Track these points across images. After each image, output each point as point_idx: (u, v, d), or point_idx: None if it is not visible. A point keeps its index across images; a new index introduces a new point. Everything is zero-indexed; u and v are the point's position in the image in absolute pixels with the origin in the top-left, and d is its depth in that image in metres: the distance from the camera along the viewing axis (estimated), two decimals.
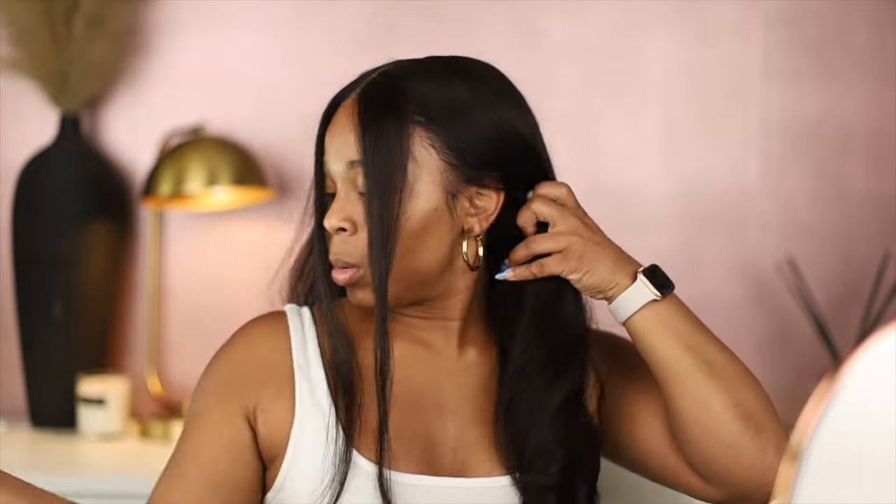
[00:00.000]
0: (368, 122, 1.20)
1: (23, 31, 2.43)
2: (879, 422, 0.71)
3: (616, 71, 2.53)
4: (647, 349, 1.23)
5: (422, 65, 1.25)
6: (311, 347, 1.26)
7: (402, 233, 1.19)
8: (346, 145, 1.21)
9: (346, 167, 1.21)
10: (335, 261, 1.22)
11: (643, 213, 2.52)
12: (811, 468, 0.70)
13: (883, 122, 2.51)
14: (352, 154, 1.21)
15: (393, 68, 1.25)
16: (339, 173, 1.22)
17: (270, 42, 2.55)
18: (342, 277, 1.22)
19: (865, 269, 2.48)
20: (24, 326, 2.43)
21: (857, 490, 0.70)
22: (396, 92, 1.21)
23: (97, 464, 2.25)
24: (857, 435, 0.71)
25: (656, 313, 1.23)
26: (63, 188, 2.42)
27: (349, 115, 1.22)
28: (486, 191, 1.22)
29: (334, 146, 1.22)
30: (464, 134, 1.20)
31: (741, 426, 1.22)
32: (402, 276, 1.21)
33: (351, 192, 1.21)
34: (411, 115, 1.20)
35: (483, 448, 1.25)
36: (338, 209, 1.21)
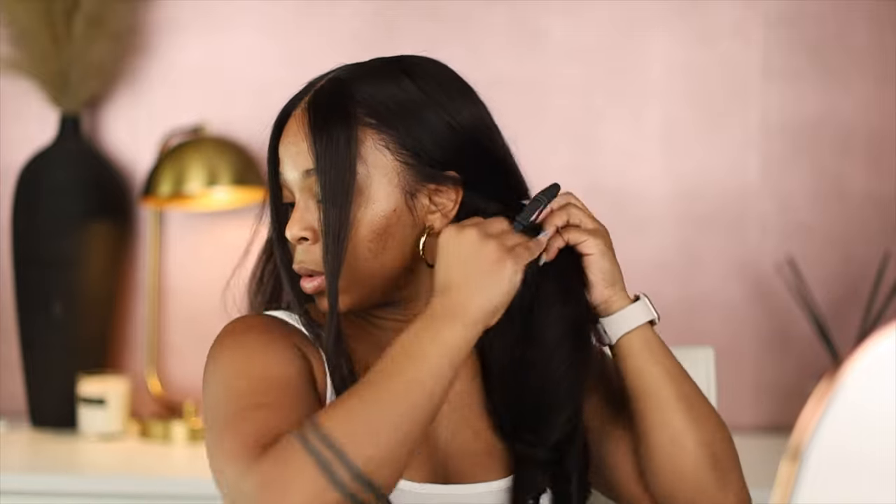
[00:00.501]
0: (318, 129, 1.20)
1: (23, 31, 2.43)
2: (879, 422, 0.71)
3: (616, 71, 2.53)
4: (635, 372, 1.23)
5: (368, 67, 1.25)
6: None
7: (362, 237, 1.19)
8: (299, 154, 1.21)
9: (301, 176, 1.21)
10: (300, 269, 1.22)
11: (643, 213, 2.52)
12: (811, 468, 0.70)
13: (883, 122, 2.51)
14: (306, 163, 1.20)
15: (340, 73, 1.25)
16: (296, 182, 1.22)
17: (270, 42, 2.55)
18: (310, 286, 1.21)
19: (865, 269, 2.48)
20: (24, 326, 2.43)
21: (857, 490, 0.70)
22: (344, 97, 1.21)
23: (97, 464, 2.25)
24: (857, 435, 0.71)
25: (649, 336, 1.24)
26: (63, 188, 2.42)
27: (300, 123, 1.22)
28: (445, 187, 1.21)
29: (289, 156, 1.22)
30: (417, 132, 1.20)
31: (709, 466, 1.24)
32: (368, 279, 1.20)
33: (309, 201, 1.21)
34: (361, 119, 1.20)
35: (476, 453, 1.25)
36: (298, 218, 1.21)
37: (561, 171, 2.42)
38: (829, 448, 0.70)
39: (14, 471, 2.17)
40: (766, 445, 2.38)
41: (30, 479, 2.13)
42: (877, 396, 0.70)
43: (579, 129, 2.51)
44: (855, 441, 0.70)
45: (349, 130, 1.19)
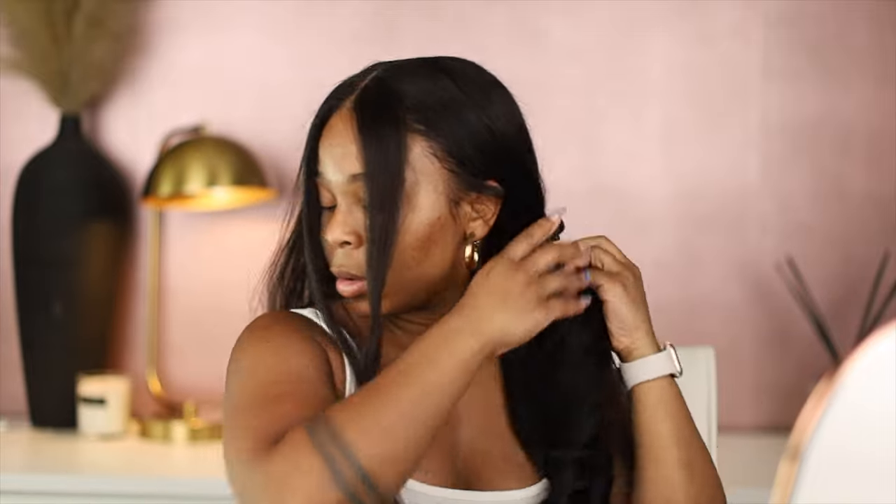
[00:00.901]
0: (369, 133, 1.19)
1: (23, 31, 2.43)
2: (879, 422, 0.71)
3: (616, 71, 2.53)
4: (644, 425, 1.24)
5: (411, 68, 1.23)
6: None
7: (407, 244, 1.18)
8: (346, 157, 1.20)
9: (347, 179, 1.20)
10: (340, 273, 1.21)
11: (644, 213, 2.52)
12: (811, 468, 0.70)
13: (883, 122, 2.51)
14: (353, 167, 1.19)
15: (384, 73, 1.23)
16: (340, 185, 1.21)
17: (271, 42, 2.55)
18: (349, 289, 1.21)
19: (865, 269, 2.48)
20: (24, 326, 2.43)
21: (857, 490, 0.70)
22: (393, 100, 1.20)
23: (97, 464, 2.25)
24: (857, 435, 0.71)
25: (665, 391, 1.24)
26: (63, 188, 2.42)
27: (347, 125, 1.20)
28: (486, 195, 1.21)
29: (333, 157, 1.21)
30: (461, 139, 1.20)
31: None
32: (408, 285, 1.20)
33: (353, 205, 1.20)
34: (411, 125, 1.19)
35: (497, 460, 1.24)
36: (341, 222, 1.20)
37: (561, 171, 2.41)
38: (828, 448, 0.70)
39: (14, 471, 2.17)
40: (765, 445, 2.38)
41: (30, 479, 2.13)
42: (877, 396, 0.70)
43: (579, 130, 2.51)
44: (855, 441, 0.70)
45: (399, 136, 1.18)
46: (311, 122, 1.24)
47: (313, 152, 1.23)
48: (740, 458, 2.25)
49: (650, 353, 1.23)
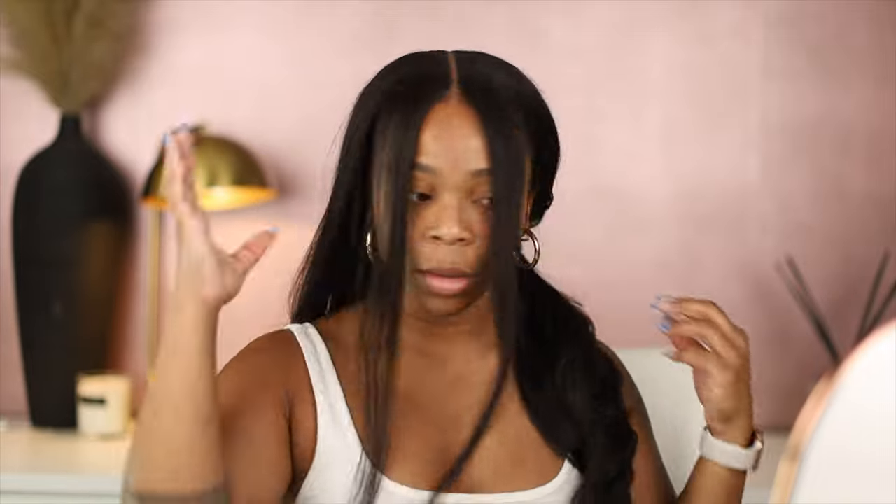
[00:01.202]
0: (497, 130, 1.17)
1: (23, 31, 2.43)
2: (879, 422, 0.71)
3: (616, 71, 2.53)
4: (694, 492, 1.25)
5: (496, 62, 1.23)
6: (325, 363, 1.23)
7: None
8: (469, 153, 1.16)
9: (467, 176, 1.16)
10: (453, 271, 1.17)
11: (644, 213, 2.52)
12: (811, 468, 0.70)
13: (883, 122, 2.51)
14: (478, 163, 1.16)
15: (482, 67, 1.21)
16: (456, 181, 1.16)
17: (270, 42, 2.55)
18: (455, 286, 1.17)
19: (865, 269, 2.48)
20: (24, 326, 2.43)
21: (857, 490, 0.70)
22: (505, 95, 1.19)
23: (97, 464, 2.25)
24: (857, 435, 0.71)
25: (727, 481, 1.24)
26: (63, 188, 2.42)
27: (465, 119, 1.17)
28: (534, 195, 1.24)
29: (452, 152, 1.16)
30: (542, 141, 1.22)
31: None
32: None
33: (464, 200, 1.17)
34: (519, 121, 1.19)
35: (505, 460, 1.23)
36: (457, 217, 1.16)
37: (561, 171, 2.41)
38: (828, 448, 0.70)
39: (14, 471, 2.17)
40: (766, 445, 2.38)
41: (30, 479, 2.13)
42: (877, 396, 0.70)
43: (579, 130, 2.51)
44: (855, 441, 0.70)
45: (519, 133, 1.18)
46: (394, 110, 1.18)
47: (411, 142, 1.16)
48: None
49: (737, 443, 1.22)
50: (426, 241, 1.17)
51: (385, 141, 1.18)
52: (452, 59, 1.21)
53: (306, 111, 2.52)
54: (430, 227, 1.17)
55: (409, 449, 1.20)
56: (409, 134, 1.16)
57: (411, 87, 1.19)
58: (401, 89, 1.19)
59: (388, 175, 1.17)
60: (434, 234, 1.16)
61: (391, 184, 1.16)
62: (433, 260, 1.17)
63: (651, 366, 1.34)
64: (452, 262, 1.17)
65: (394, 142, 1.17)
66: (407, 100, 1.18)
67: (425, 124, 1.16)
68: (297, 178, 2.52)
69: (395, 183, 1.16)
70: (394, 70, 1.23)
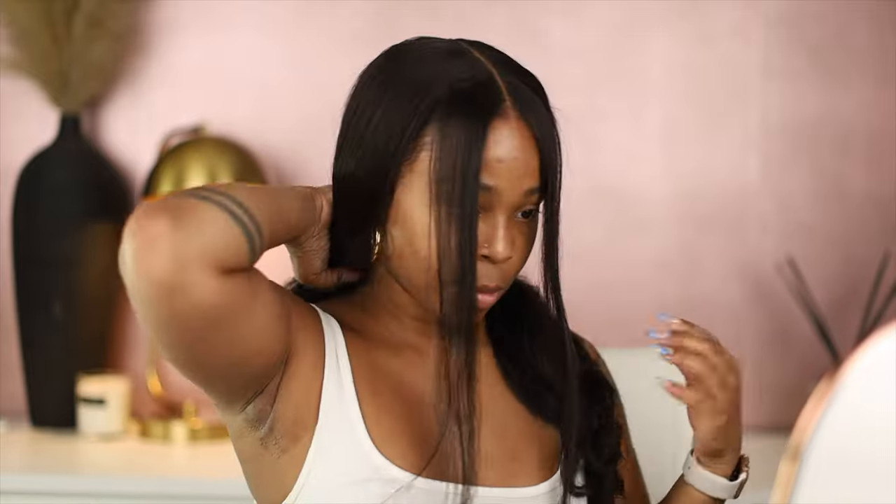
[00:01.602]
0: (549, 149, 1.18)
1: (23, 31, 2.43)
2: (879, 422, 0.71)
3: (616, 71, 2.53)
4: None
5: (524, 69, 1.24)
6: (341, 349, 1.22)
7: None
8: (527, 173, 1.16)
9: (522, 195, 1.16)
10: (494, 287, 1.18)
11: (644, 213, 2.52)
12: (811, 468, 0.70)
13: (883, 122, 2.50)
14: (532, 182, 1.16)
15: (524, 75, 1.22)
16: (510, 200, 1.16)
17: (270, 42, 2.55)
18: (492, 300, 1.19)
19: (865, 269, 2.48)
20: (24, 326, 2.43)
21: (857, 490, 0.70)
22: (550, 112, 1.21)
23: (97, 464, 2.25)
24: (857, 435, 0.71)
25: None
26: (63, 188, 2.42)
27: (524, 139, 1.16)
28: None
29: (511, 172, 1.15)
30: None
31: None
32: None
33: (510, 218, 1.17)
34: (557, 132, 1.22)
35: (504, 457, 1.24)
36: (508, 238, 1.17)
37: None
38: (829, 448, 0.70)
39: (14, 471, 2.17)
40: (766, 445, 2.38)
41: (30, 479, 2.13)
42: (877, 396, 0.70)
43: (579, 130, 2.50)
44: (855, 441, 0.70)
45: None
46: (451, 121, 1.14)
47: (476, 160, 1.13)
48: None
49: (723, 475, 1.25)
50: (484, 262, 1.18)
51: (443, 153, 1.14)
52: (486, 60, 1.19)
53: (306, 111, 2.52)
54: (480, 246, 1.16)
55: (413, 440, 1.20)
56: (474, 152, 1.13)
57: (467, 96, 1.15)
58: (456, 97, 1.15)
59: (448, 190, 1.14)
60: (485, 253, 1.16)
61: (456, 200, 1.14)
62: (481, 277, 1.16)
63: (650, 366, 1.34)
64: (498, 279, 1.18)
65: (456, 157, 1.13)
66: (467, 112, 1.14)
67: (488, 144, 1.14)
68: (297, 178, 2.52)
69: (461, 199, 1.13)
70: (431, 63, 1.18)
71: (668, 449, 1.50)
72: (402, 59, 1.21)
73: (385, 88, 1.19)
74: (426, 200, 1.15)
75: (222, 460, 2.22)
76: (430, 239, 1.14)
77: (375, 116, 1.18)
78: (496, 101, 1.16)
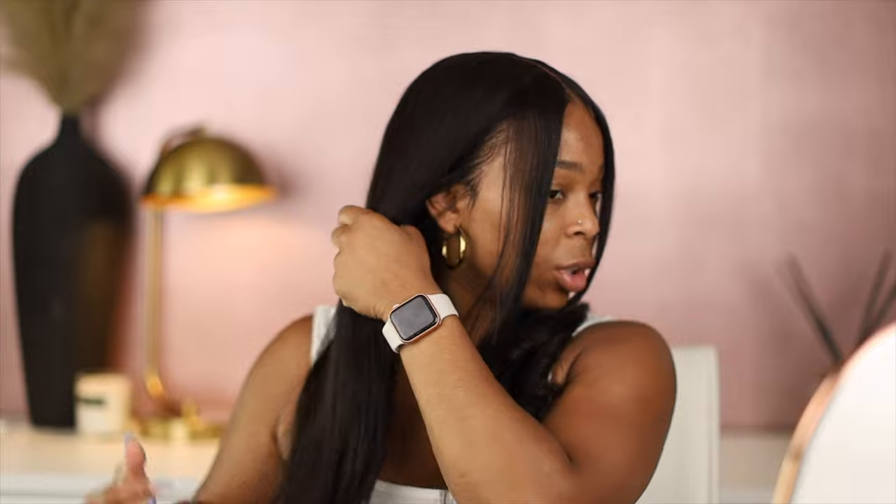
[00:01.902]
0: (606, 126, 1.27)
1: (23, 31, 2.43)
2: (880, 422, 0.71)
3: (617, 71, 2.53)
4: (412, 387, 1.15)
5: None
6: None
7: None
8: (599, 150, 1.25)
9: (598, 170, 1.24)
10: (587, 264, 1.23)
11: (645, 213, 2.52)
12: (812, 468, 0.70)
13: (884, 122, 2.50)
14: (601, 159, 1.25)
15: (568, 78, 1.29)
16: (590, 175, 1.23)
17: (270, 42, 2.55)
18: (582, 282, 1.24)
19: (866, 269, 2.48)
20: (24, 326, 2.43)
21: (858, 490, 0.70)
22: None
23: (97, 464, 2.25)
24: (857, 435, 0.71)
25: (414, 355, 1.13)
26: (63, 188, 2.42)
27: (591, 119, 1.25)
28: None
29: (591, 147, 1.24)
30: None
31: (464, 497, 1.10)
32: None
33: (587, 195, 1.24)
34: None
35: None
36: (593, 214, 1.23)
37: None
38: (830, 448, 0.70)
39: (14, 471, 2.16)
40: (766, 445, 2.38)
41: (30, 479, 2.13)
42: (877, 396, 0.70)
43: None
44: (856, 441, 0.70)
45: None
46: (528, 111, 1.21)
47: (556, 140, 1.20)
48: (741, 457, 2.25)
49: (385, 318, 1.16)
50: (566, 237, 1.21)
51: (524, 142, 1.19)
52: (527, 60, 1.27)
53: (306, 111, 2.52)
54: (572, 224, 1.21)
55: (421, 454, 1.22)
56: (553, 132, 1.20)
57: (536, 91, 1.22)
58: (531, 86, 1.22)
59: (528, 172, 1.19)
60: (578, 230, 1.21)
61: (532, 180, 1.18)
62: (576, 255, 1.22)
63: None
64: (589, 254, 1.23)
65: (537, 139, 1.19)
66: (541, 105, 1.21)
67: (568, 125, 1.21)
68: (297, 178, 2.52)
69: (537, 181, 1.18)
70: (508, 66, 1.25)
71: (670, 445, 1.50)
72: (449, 74, 1.24)
73: (442, 101, 1.22)
74: (508, 192, 1.19)
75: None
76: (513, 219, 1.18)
77: (441, 129, 1.20)
78: (561, 91, 1.23)
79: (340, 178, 2.50)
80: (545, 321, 1.25)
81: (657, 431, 1.18)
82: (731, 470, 1.88)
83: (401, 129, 1.23)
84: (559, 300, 1.23)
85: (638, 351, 1.20)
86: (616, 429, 1.13)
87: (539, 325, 1.24)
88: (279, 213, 2.51)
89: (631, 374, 1.17)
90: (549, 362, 1.22)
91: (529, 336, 1.23)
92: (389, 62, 2.46)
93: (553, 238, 1.20)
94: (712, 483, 1.56)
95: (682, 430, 1.52)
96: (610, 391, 1.16)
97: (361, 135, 2.39)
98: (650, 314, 2.56)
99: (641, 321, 1.30)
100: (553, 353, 1.23)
